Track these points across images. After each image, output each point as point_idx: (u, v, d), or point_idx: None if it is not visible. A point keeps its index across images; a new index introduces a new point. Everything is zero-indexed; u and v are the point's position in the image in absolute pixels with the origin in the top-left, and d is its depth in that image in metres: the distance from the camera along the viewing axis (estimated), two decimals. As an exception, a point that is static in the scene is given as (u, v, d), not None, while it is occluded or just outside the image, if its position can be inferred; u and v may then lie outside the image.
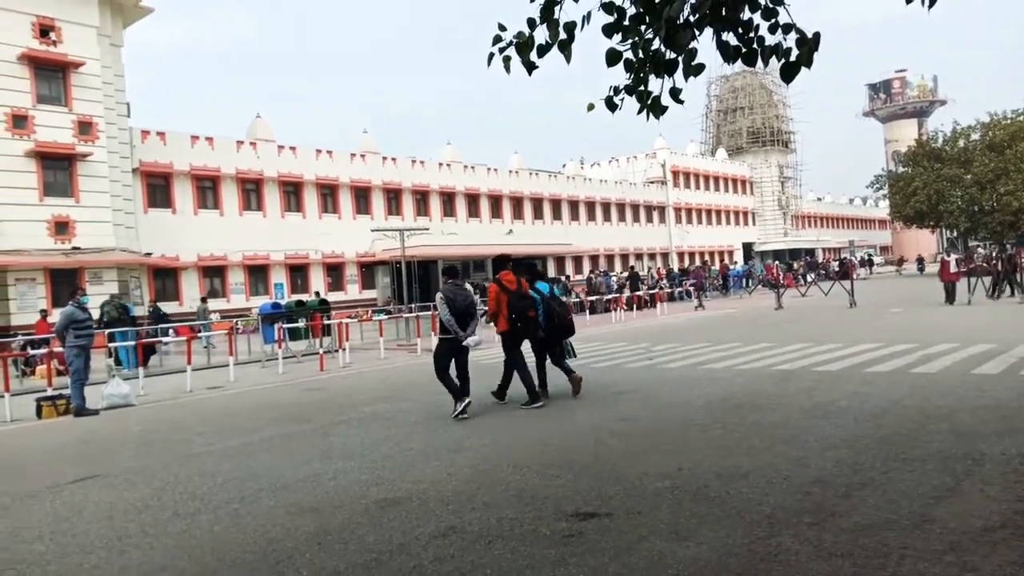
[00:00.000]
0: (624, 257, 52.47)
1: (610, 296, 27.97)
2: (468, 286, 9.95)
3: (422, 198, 40.58)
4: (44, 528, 5.20)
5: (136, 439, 8.65)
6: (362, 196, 37.73)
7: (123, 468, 6.98)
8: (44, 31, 24.76)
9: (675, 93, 4.44)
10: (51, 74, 25.07)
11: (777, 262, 52.00)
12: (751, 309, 26.19)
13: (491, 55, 4.46)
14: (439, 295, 9.04)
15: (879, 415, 7.15)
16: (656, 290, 29.08)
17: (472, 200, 43.11)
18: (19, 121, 24.20)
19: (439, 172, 41.40)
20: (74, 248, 25.04)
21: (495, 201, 44.40)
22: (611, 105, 4.62)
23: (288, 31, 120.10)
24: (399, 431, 7.86)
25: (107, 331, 16.15)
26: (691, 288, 32.97)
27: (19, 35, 24.19)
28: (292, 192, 34.93)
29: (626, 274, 38.42)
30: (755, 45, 4.28)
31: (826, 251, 73.58)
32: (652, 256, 54.80)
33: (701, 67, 4.26)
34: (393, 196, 39.17)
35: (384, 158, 38.90)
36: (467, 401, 8.59)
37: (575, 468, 5.83)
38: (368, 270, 37.64)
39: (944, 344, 12.28)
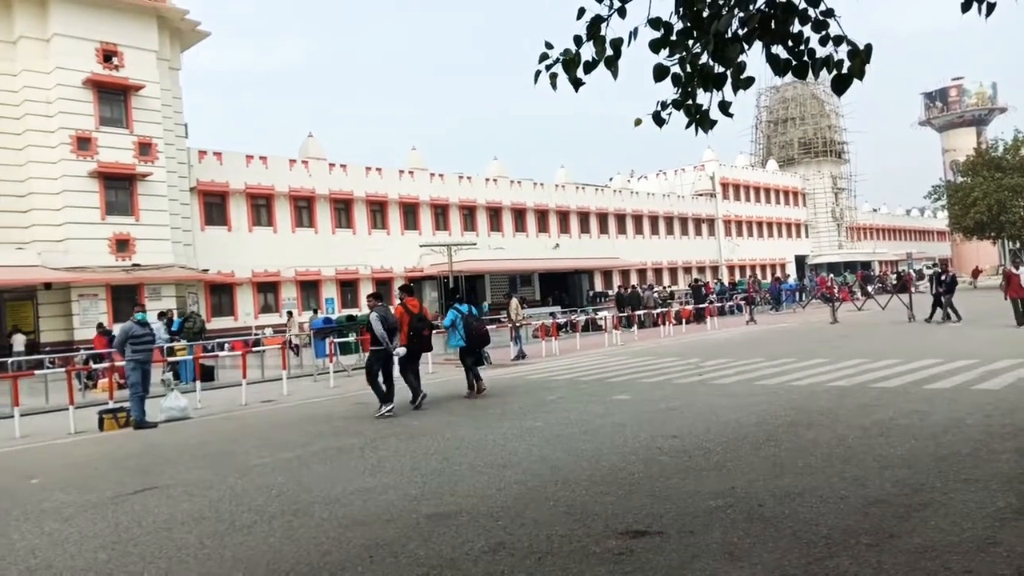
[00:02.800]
0: (672, 271, 51.97)
1: (659, 310, 27.67)
2: (391, 307, 11.97)
3: (469, 213, 40.89)
4: (106, 537, 5.36)
5: (193, 451, 8.87)
6: (410, 212, 38.22)
7: (181, 480, 7.16)
8: (107, 56, 25.80)
9: (724, 107, 4.41)
10: (113, 97, 26.08)
11: (831, 275, 50.85)
12: (805, 323, 25.64)
13: (538, 72, 4.48)
14: (374, 315, 11.03)
15: (939, 433, 6.92)
16: (707, 304, 28.64)
17: (518, 215, 43.27)
18: (83, 143, 25.22)
19: (486, 187, 41.70)
20: (134, 265, 25.90)
21: (541, 215, 44.49)
22: (659, 120, 4.60)
23: (339, 52, 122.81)
24: (447, 445, 7.91)
25: (167, 345, 16.62)
26: (742, 302, 32.44)
27: (84, 61, 25.26)
28: (342, 209, 35.57)
29: (667, 288, 38.04)
30: (806, 58, 4.23)
31: (883, 264, 71.69)
32: (701, 269, 54.14)
33: (751, 80, 4.23)
34: (440, 211, 39.57)
35: (432, 174, 39.37)
36: (391, 406, 10.43)
37: (625, 485, 5.78)
38: (416, 284, 38.02)
39: (1007, 360, 11.84)
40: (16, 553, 5.12)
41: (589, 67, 4.42)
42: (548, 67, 4.43)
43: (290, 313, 26.41)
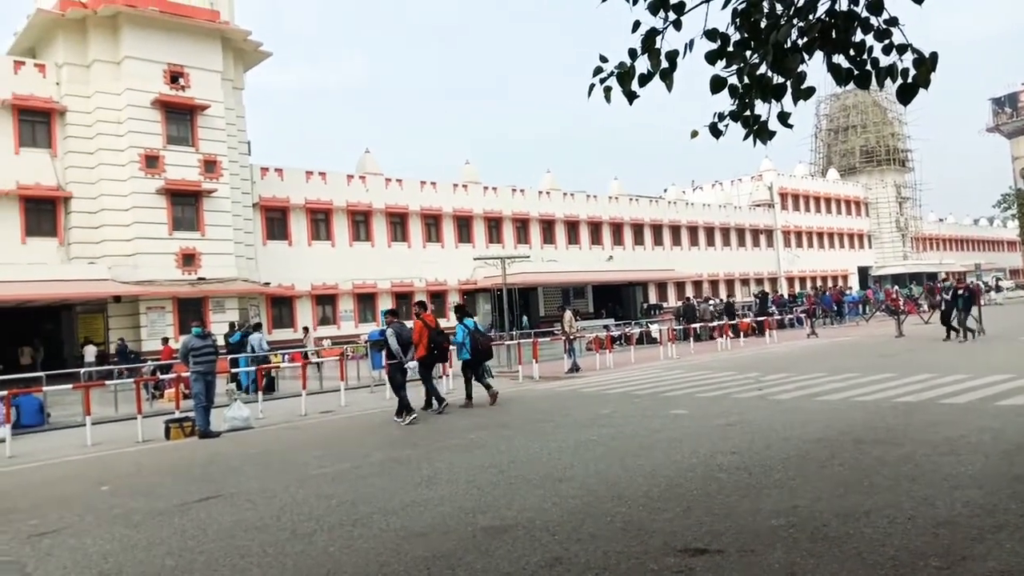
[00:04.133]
0: (729, 283, 51.14)
1: (715, 323, 27.21)
2: (407, 323, 12.74)
3: (522, 226, 41.03)
4: (173, 544, 5.52)
5: (256, 461, 9.09)
6: (464, 225, 38.55)
7: (244, 488, 7.34)
8: (174, 77, 26.82)
9: (784, 117, 4.34)
10: (180, 117, 27.08)
11: (896, 287, 49.27)
12: (869, 337, 24.89)
13: (591, 86, 4.48)
14: (390, 330, 11.95)
15: (1012, 452, 6.63)
16: (765, 317, 28.05)
17: (571, 227, 43.23)
18: (152, 161, 26.22)
19: (539, 200, 41.81)
20: (199, 279, 26.75)
21: (595, 227, 44.35)
22: (716, 132, 4.55)
23: (395, 68, 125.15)
24: (502, 458, 7.92)
25: (230, 356, 17.09)
26: (802, 315, 31.68)
27: (152, 82, 26.32)
28: (398, 223, 36.11)
29: (724, 300, 37.29)
30: (868, 67, 4.14)
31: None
32: (759, 281, 53.11)
33: (811, 90, 4.17)
34: (494, 224, 39.81)
35: (485, 188, 39.68)
36: (415, 415, 11.26)
37: (683, 502, 5.70)
38: (470, 297, 38.25)
39: (1089, 376, 11.27)
40: (89, 558, 5.31)
41: (644, 80, 4.41)
42: (602, 80, 4.43)
43: (306, 329, 26.56)
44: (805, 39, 4.19)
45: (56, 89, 25.87)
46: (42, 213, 25.62)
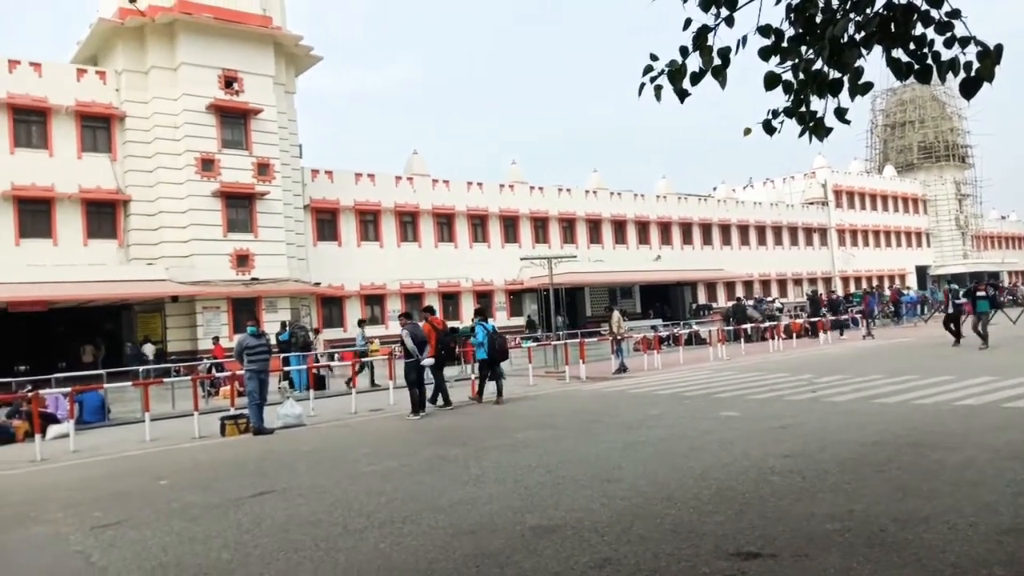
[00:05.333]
0: (781, 282, 50.19)
1: (767, 324, 26.71)
2: (420, 323, 13.38)
3: (568, 225, 40.93)
4: (229, 537, 5.66)
5: (308, 457, 9.26)
6: (510, 225, 38.63)
7: (297, 484, 7.48)
8: (229, 82, 27.48)
9: (840, 113, 4.24)
10: (234, 121, 27.73)
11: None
12: (927, 338, 24.13)
13: (642, 85, 4.44)
14: (405, 331, 12.71)
15: (1086, 459, 6.36)
16: (819, 318, 27.43)
17: (618, 226, 42.96)
18: (207, 164, 26.91)
19: (585, 199, 41.66)
20: (253, 279, 27.36)
21: (642, 227, 43.99)
22: (769, 129, 4.47)
23: (442, 70, 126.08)
24: (550, 458, 7.91)
25: (282, 355, 17.44)
26: (858, 315, 30.89)
27: (208, 87, 27.01)
28: (445, 223, 36.37)
29: (776, 300, 36.68)
30: (929, 61, 4.02)
31: (1012, 275, 66.67)
32: (813, 281, 51.99)
33: (869, 85, 4.06)
34: (540, 224, 39.81)
35: (531, 187, 39.69)
36: (425, 412, 12.19)
37: (735, 505, 5.61)
38: (516, 297, 38.33)
39: None
40: (149, 550, 5.48)
41: (696, 78, 4.36)
42: (653, 79, 4.38)
43: (316, 331, 26.50)
44: (863, 33, 4.09)
45: (116, 95, 26.74)
46: (103, 216, 26.51)
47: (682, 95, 4.41)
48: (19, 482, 8.87)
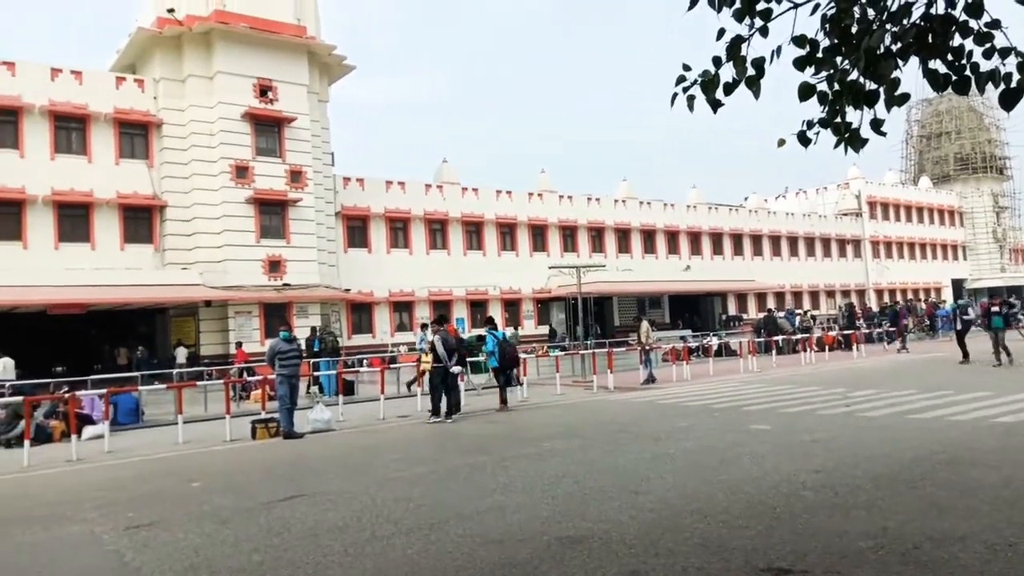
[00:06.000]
0: (813, 294, 49.53)
1: (799, 336, 26.35)
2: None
3: (597, 235, 40.83)
4: (259, 540, 5.72)
5: (337, 462, 9.33)
6: (539, 234, 38.65)
7: (326, 489, 7.54)
8: (263, 91, 27.91)
9: (877, 125, 4.19)
10: (268, 129, 28.14)
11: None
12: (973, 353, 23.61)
13: (674, 95, 4.43)
14: (437, 337, 13.06)
15: None
16: (852, 330, 27.00)
17: (648, 236, 42.75)
18: (241, 171, 27.33)
19: (614, 209, 41.54)
20: (284, 285, 27.69)
21: (672, 236, 43.73)
22: (804, 140, 4.43)
23: (474, 79, 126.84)
24: (578, 469, 7.88)
25: (312, 360, 17.61)
26: (892, 329, 30.36)
27: (243, 95, 27.45)
28: (473, 231, 36.50)
29: (811, 312, 36.16)
30: (968, 72, 3.96)
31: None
32: (846, 293, 51.21)
33: (906, 97, 4.01)
34: (569, 233, 39.76)
35: (560, 196, 39.69)
36: (448, 417, 12.56)
37: (766, 519, 5.54)
38: (543, 306, 38.28)
39: None
40: (181, 551, 5.56)
41: (729, 88, 4.34)
42: (685, 89, 4.38)
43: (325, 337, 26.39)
44: (899, 44, 4.04)
45: (153, 103, 27.28)
46: (139, 221, 27.02)
47: (715, 105, 4.39)
48: (56, 481, 9.06)
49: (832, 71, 4.27)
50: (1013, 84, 3.78)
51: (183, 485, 8.32)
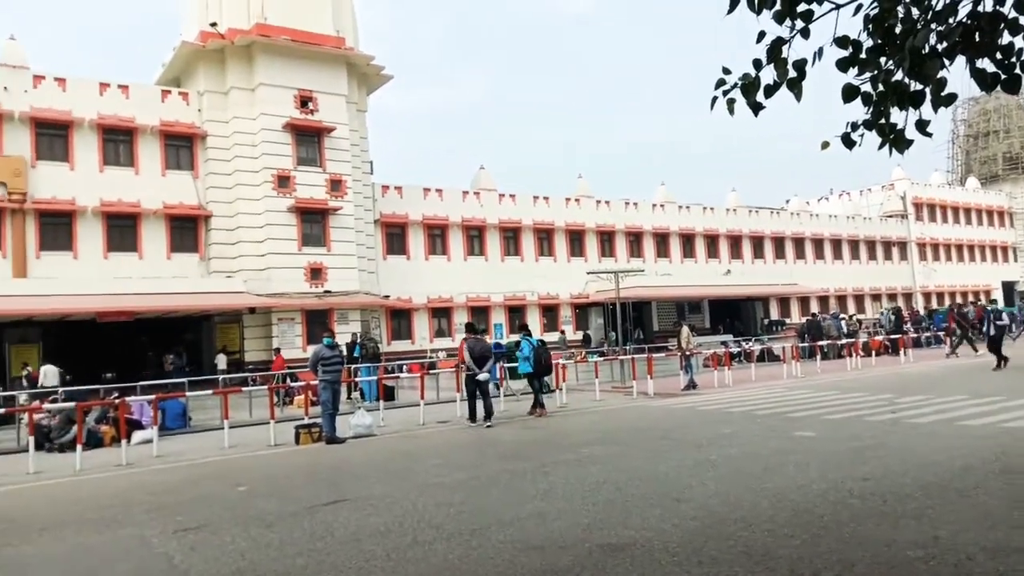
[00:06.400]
0: (858, 298, 48.57)
1: (844, 341, 25.81)
2: (486, 337, 15.01)
3: (635, 239, 40.62)
4: (303, 544, 5.80)
5: (378, 467, 9.42)
6: (576, 239, 38.59)
7: (368, 494, 7.62)
8: (304, 102, 28.40)
9: (922, 126, 4.11)
10: (309, 139, 28.62)
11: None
12: (1015, 358, 22.94)
13: (714, 98, 4.40)
14: (466, 344, 13.43)
15: None
16: (900, 335, 26.38)
17: (687, 240, 42.39)
18: (283, 181, 27.83)
19: (652, 213, 41.29)
20: (326, 291, 28.09)
21: (711, 240, 43.29)
22: (848, 142, 4.36)
23: (512, 86, 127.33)
24: (619, 475, 7.83)
25: (353, 366, 17.82)
26: (940, 333, 29.59)
27: (284, 107, 27.97)
28: (511, 237, 36.59)
29: (857, 316, 35.39)
30: (1018, 71, 3.86)
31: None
32: (892, 296, 50.09)
33: (952, 97, 3.93)
34: (606, 238, 39.63)
35: (598, 201, 39.60)
36: (484, 422, 12.87)
37: (811, 528, 5.44)
38: (582, 311, 38.18)
39: None
40: (228, 554, 5.66)
41: (770, 90, 4.30)
42: (725, 92, 4.34)
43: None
44: (945, 44, 3.96)
45: (198, 115, 27.95)
46: (185, 230, 27.68)
47: (756, 108, 4.35)
48: (107, 485, 9.30)
49: (876, 72, 4.20)
50: (1064, 82, 3.68)
51: (229, 489, 8.48)
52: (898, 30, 4.15)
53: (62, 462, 11.14)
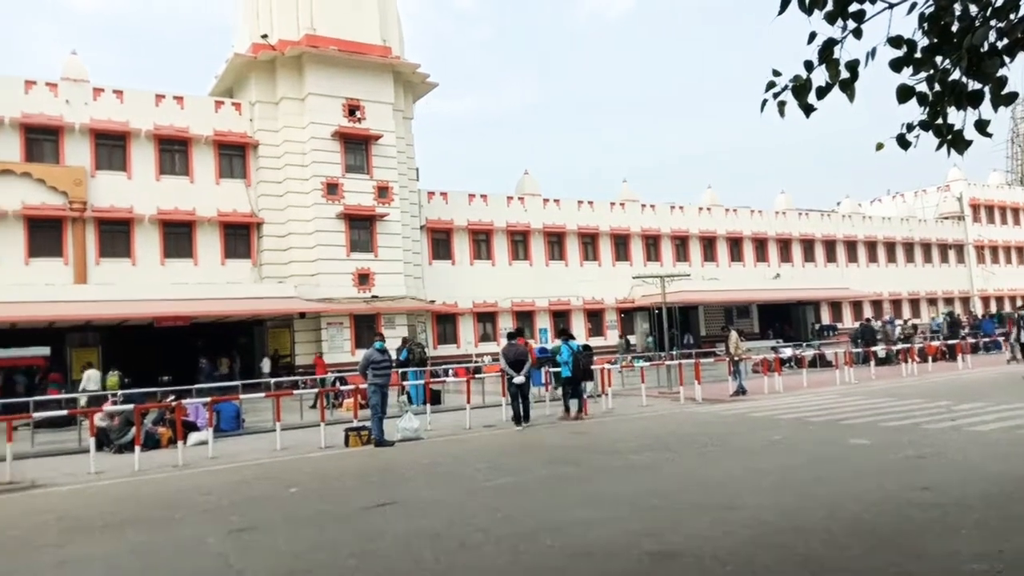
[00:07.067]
0: (913, 302, 47.20)
1: (900, 346, 25.13)
2: (528, 341, 15.42)
3: (681, 243, 40.19)
4: (355, 546, 5.89)
5: (426, 470, 9.51)
6: (621, 243, 38.35)
7: (416, 497, 7.70)
8: (351, 110, 28.84)
9: (982, 127, 3.99)
10: (356, 147, 29.05)
11: None
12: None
13: (764, 101, 4.36)
14: (500, 351, 14.63)
15: None
16: (958, 340, 25.58)
17: (734, 244, 41.77)
18: (332, 188, 28.29)
19: (699, 216, 40.79)
20: (373, 296, 28.45)
21: (760, 244, 42.58)
22: (904, 143, 4.27)
23: (556, 92, 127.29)
24: (666, 482, 7.77)
25: (401, 370, 18.00)
26: (1000, 338, 28.60)
27: (332, 115, 28.45)
28: (555, 242, 36.54)
29: (914, 321, 34.42)
30: (1086, 66, 3.73)
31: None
32: (948, 300, 48.54)
33: (1014, 96, 3.83)
34: (652, 242, 39.29)
35: (643, 205, 39.29)
36: (521, 426, 13.38)
37: (868, 538, 5.32)
38: (627, 316, 37.91)
39: None
40: (281, 555, 5.78)
41: (822, 92, 4.24)
42: (776, 95, 4.30)
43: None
44: (1005, 41, 3.86)
45: (250, 125, 28.60)
46: (238, 237, 28.34)
47: (808, 110, 4.30)
48: (165, 486, 9.57)
49: (932, 71, 4.10)
50: None
51: (282, 490, 8.65)
52: (955, 28, 4.06)
53: (121, 462, 11.49)
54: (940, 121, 4.20)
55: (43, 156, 25.28)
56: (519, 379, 13.59)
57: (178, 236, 27.25)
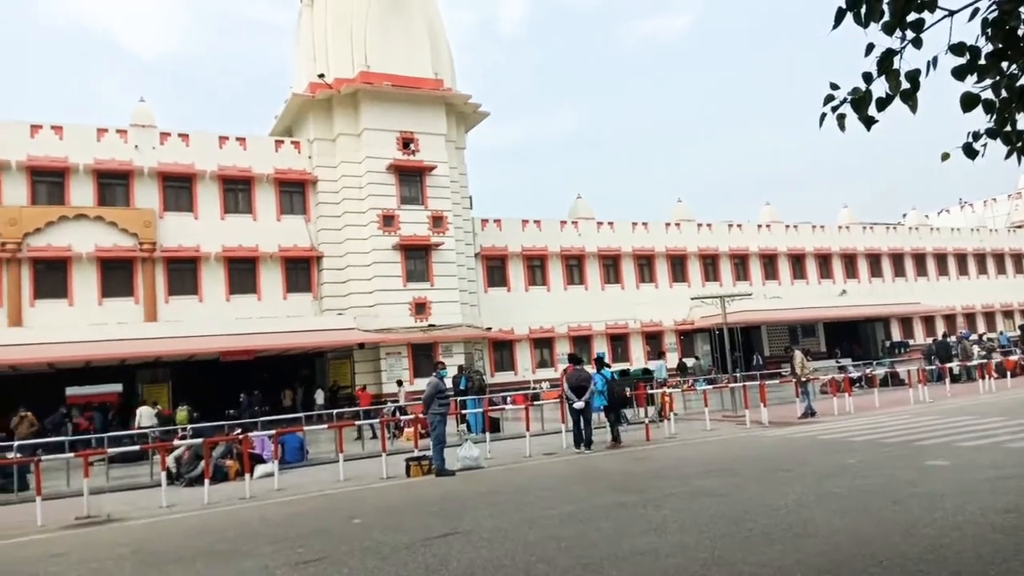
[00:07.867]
0: (988, 315, 45.24)
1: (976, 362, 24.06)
2: (588, 368, 15.06)
3: (740, 262, 39.51)
4: (419, 577, 5.86)
5: (487, 500, 9.46)
6: (678, 264, 37.92)
7: (478, 526, 7.65)
8: (406, 143, 29.43)
9: (1053, 131, 3.83)
10: (411, 178, 29.58)
11: None
12: None
13: (823, 115, 4.27)
14: (565, 376, 14.34)
15: None
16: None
17: (796, 260, 40.85)
18: (388, 220, 28.82)
19: (758, 234, 40.09)
20: (430, 325, 28.72)
21: (823, 260, 41.54)
22: (971, 152, 4.13)
23: (607, 115, 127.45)
24: (734, 509, 7.54)
25: (459, 399, 18.06)
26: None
27: (387, 149, 29.08)
28: (611, 265, 36.36)
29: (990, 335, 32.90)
30: None
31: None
32: (1025, 312, 46.39)
33: (1087, 97, 3.65)
34: (710, 262, 38.74)
35: (699, 225, 38.83)
36: (585, 449, 13.60)
37: (949, 565, 5.05)
38: (687, 337, 37.32)
39: None
40: (348, 585, 5.80)
41: (883, 104, 4.12)
42: (834, 108, 4.20)
43: (400, 382, 25.54)
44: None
45: (308, 162, 29.45)
46: (299, 271, 29.07)
47: (868, 123, 4.19)
48: (233, 518, 9.75)
49: (998, 78, 3.96)
50: None
51: (345, 521, 8.71)
52: (1021, 32, 3.91)
53: (191, 496, 11.77)
54: (1009, 128, 4.05)
55: (115, 200, 26.50)
56: (579, 404, 13.74)
57: (242, 272, 28.09)
